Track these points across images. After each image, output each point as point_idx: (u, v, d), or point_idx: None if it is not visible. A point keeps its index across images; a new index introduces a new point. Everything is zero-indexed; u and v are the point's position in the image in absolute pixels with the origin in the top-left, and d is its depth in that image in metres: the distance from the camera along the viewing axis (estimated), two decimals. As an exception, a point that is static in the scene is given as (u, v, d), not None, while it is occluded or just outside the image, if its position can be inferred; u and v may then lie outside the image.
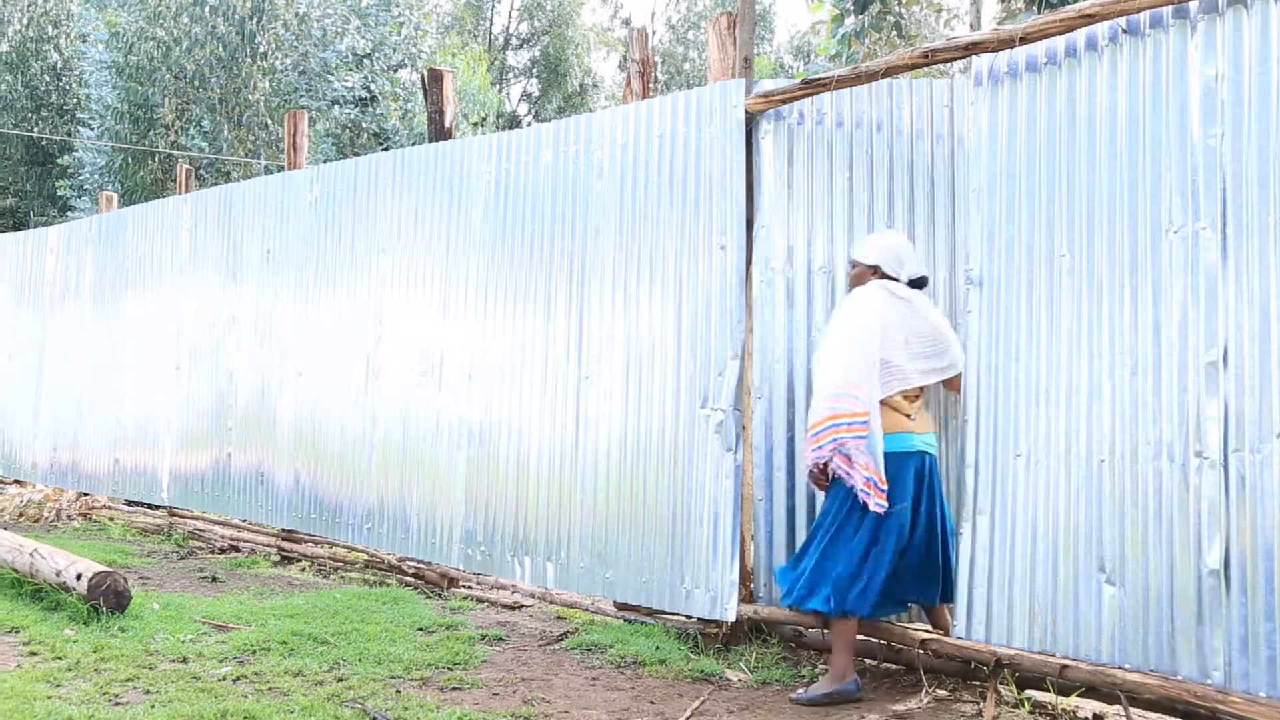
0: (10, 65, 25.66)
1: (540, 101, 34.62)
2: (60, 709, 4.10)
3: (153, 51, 19.13)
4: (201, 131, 19.13)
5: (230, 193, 8.91)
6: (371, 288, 7.33)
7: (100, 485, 9.95)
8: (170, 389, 9.10)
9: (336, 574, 7.39)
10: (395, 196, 7.24)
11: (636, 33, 6.23)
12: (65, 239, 10.96)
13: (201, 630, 5.50)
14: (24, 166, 26.01)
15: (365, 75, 19.89)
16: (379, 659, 4.99)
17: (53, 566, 5.86)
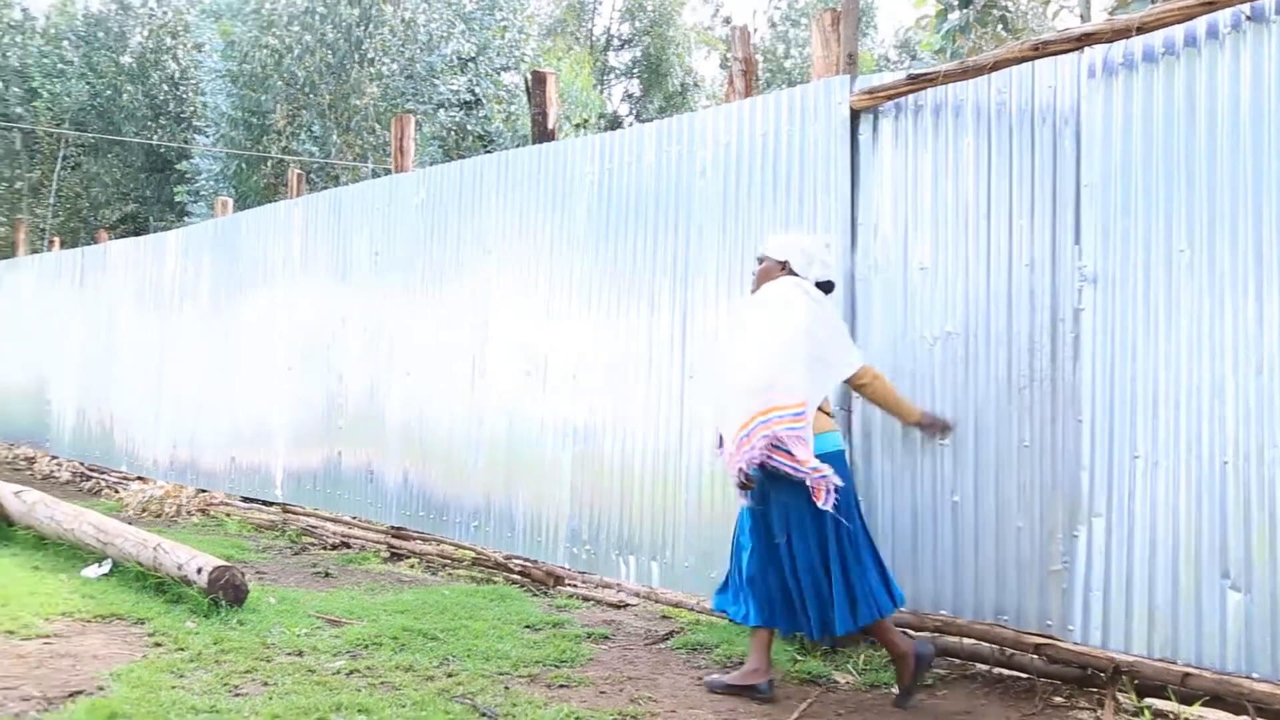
0: (132, 76, 26.54)
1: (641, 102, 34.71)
2: (184, 699, 4.23)
3: (266, 60, 19.63)
4: (312, 136, 19.58)
5: (340, 196, 9.10)
6: (477, 288, 7.42)
7: (217, 482, 10.24)
8: (283, 389, 9.32)
9: (444, 571, 7.50)
10: (500, 198, 7.32)
11: (739, 31, 6.21)
12: (183, 243, 11.30)
13: (316, 625, 5.62)
14: (144, 173, 26.87)
15: (470, 78, 20.15)
16: (487, 655, 5.04)
17: (175, 561, 6.03)
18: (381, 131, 19.55)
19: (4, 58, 27.08)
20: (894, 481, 5.09)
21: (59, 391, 13.67)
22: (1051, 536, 4.56)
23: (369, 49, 19.50)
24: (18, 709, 4.10)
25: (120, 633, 5.43)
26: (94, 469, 12.55)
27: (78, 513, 7.22)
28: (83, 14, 28.03)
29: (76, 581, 6.42)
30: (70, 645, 5.13)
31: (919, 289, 5.08)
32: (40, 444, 14.05)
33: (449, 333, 7.61)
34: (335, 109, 19.71)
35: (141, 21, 27.58)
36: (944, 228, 5.01)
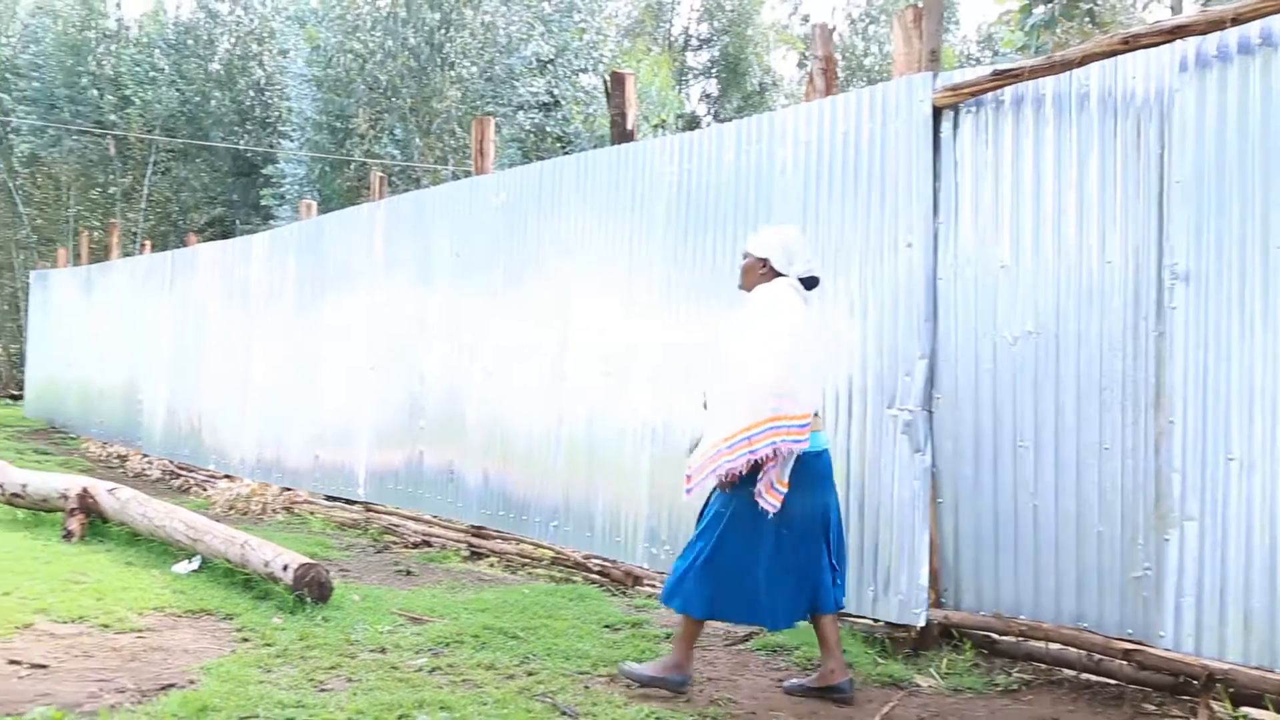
0: (220, 83, 27.11)
1: (720, 101, 34.64)
2: (271, 693, 4.30)
3: (350, 64, 19.93)
4: (394, 140, 19.83)
5: (421, 198, 9.21)
6: (556, 289, 7.46)
7: (301, 481, 10.41)
8: (365, 389, 9.45)
9: (524, 570, 7.54)
10: (579, 199, 7.35)
11: (819, 29, 6.16)
12: (269, 246, 11.52)
13: (398, 622, 5.68)
14: (230, 178, 27.42)
15: (549, 80, 20.27)
16: (567, 654, 5.06)
17: (261, 558, 6.15)
18: (462, 134, 19.74)
19: (99, 66, 27.80)
20: (975, 484, 5.02)
21: (150, 391, 14.01)
22: (1132, 542, 4.47)
23: (450, 53, 19.70)
24: (113, 701, 4.21)
25: (210, 627, 5.55)
26: (183, 467, 12.84)
27: (169, 510, 7.39)
28: (173, 23, 28.69)
29: (168, 577, 6.57)
30: (162, 639, 5.25)
31: (999, 288, 4.99)
32: (132, 442, 14.41)
33: (528, 333, 7.65)
34: (417, 112, 19.94)
35: (229, 29, 28.15)
36: (1025, 226, 4.93)
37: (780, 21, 37.36)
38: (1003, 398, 4.93)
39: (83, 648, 5.02)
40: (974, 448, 5.04)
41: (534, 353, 7.58)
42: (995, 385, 4.95)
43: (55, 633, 5.26)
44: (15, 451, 13.66)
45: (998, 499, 4.94)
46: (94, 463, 14.12)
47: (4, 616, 5.37)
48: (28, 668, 4.64)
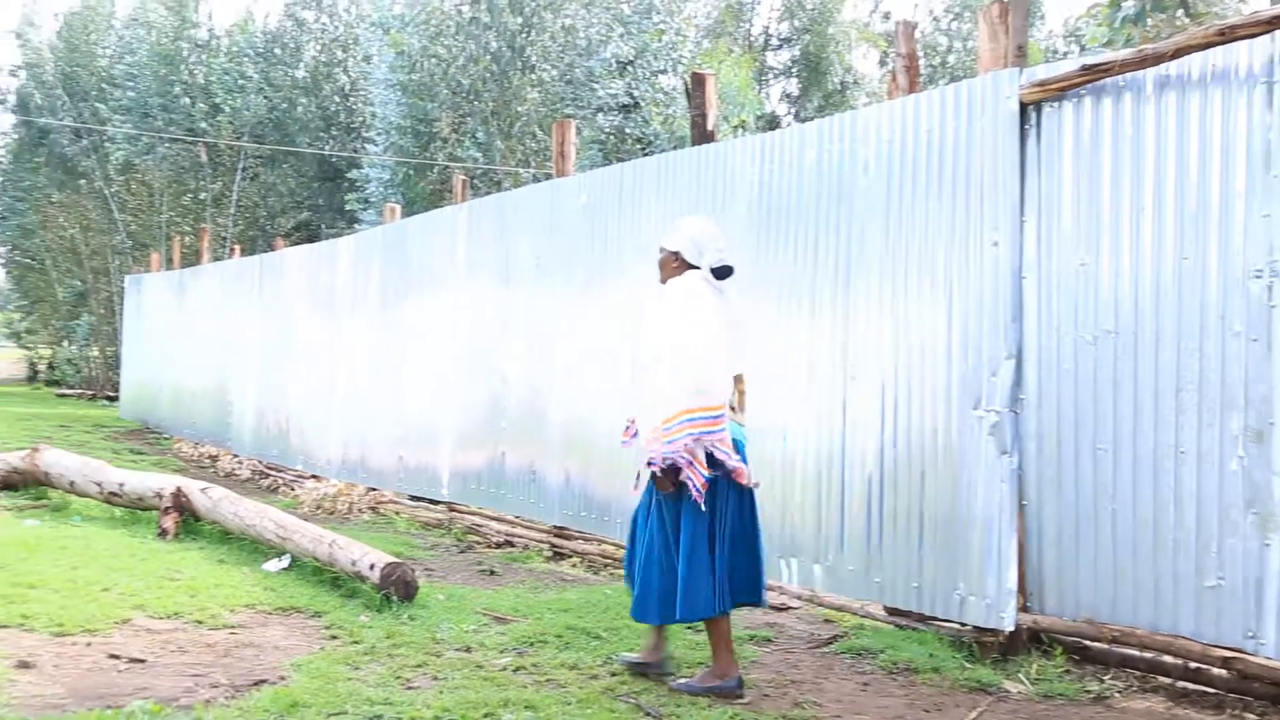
0: (306, 89, 27.63)
1: (800, 101, 34.44)
2: (359, 690, 4.38)
3: (432, 69, 20.18)
4: (475, 143, 20.04)
5: (503, 201, 9.29)
6: (637, 290, 7.46)
7: (386, 481, 10.56)
8: (448, 390, 9.56)
9: (606, 570, 7.57)
10: (659, 200, 7.36)
11: (902, 26, 6.10)
12: (354, 249, 11.70)
13: (483, 621, 5.74)
14: (316, 182, 27.93)
15: (628, 82, 20.32)
16: (649, 655, 5.07)
17: (349, 557, 6.25)
18: (542, 136, 19.87)
19: (190, 75, 28.49)
20: (1058, 487, 4.93)
21: (239, 392, 14.31)
22: (1205, 549, 4.36)
23: (530, 56, 19.85)
24: (208, 696, 4.31)
25: (299, 625, 5.65)
26: (271, 467, 13.09)
27: (259, 509, 7.54)
28: (261, 31, 29.29)
29: (258, 575, 6.71)
30: (253, 635, 5.36)
31: (1080, 286, 4.91)
32: (223, 443, 14.73)
33: (609, 334, 7.68)
34: (498, 115, 20.12)
35: (314, 36, 28.66)
36: (1106, 223, 4.83)
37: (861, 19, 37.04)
38: (1083, 398, 4.85)
39: (178, 643, 5.14)
40: (1056, 449, 4.95)
41: (615, 353, 7.60)
42: (1076, 386, 4.87)
43: (152, 628, 5.40)
44: (112, 451, 14.03)
45: (1079, 502, 4.85)
46: (186, 462, 14.45)
47: (104, 612, 5.53)
48: (126, 662, 4.78)
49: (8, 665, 4.59)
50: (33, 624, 5.26)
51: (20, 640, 5.03)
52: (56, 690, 4.32)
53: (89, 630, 5.24)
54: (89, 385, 30.44)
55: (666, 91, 21.44)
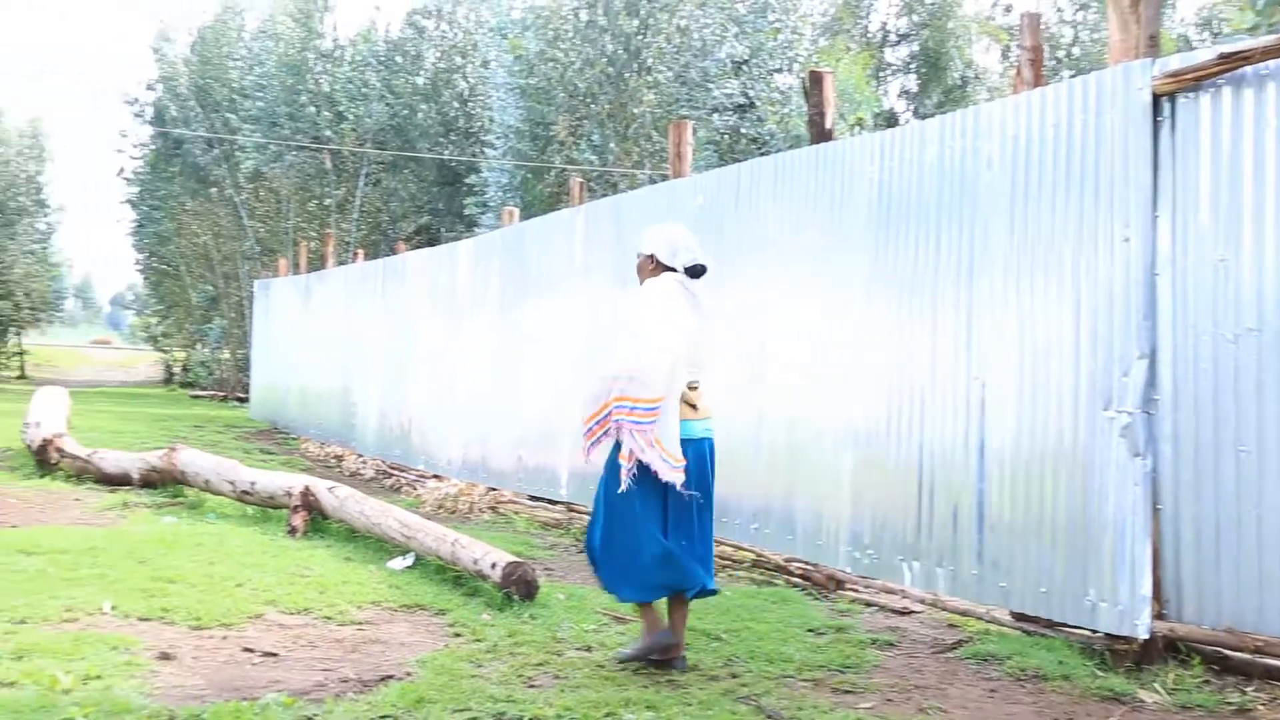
0: (426, 95, 28.15)
1: (919, 97, 33.89)
2: (483, 687, 4.44)
3: (549, 73, 20.38)
4: (591, 145, 20.17)
5: (619, 203, 9.33)
6: (754, 290, 7.44)
7: (506, 481, 10.69)
8: (566, 391, 9.63)
9: (725, 572, 7.55)
10: (775, 200, 7.31)
11: (1027, 19, 5.96)
12: (473, 252, 11.87)
13: (603, 621, 5.77)
14: (436, 187, 28.44)
15: (743, 82, 20.25)
16: (770, 658, 5.05)
17: (471, 556, 6.34)
18: (658, 138, 19.92)
19: (316, 84, 29.26)
20: (1196, 491, 4.77)
21: (363, 394, 14.64)
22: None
23: (646, 58, 19.91)
24: (337, 690, 4.41)
25: (423, 622, 5.76)
26: (394, 467, 13.36)
27: (384, 508, 7.70)
28: (384, 40, 29.93)
29: (384, 573, 6.85)
30: (380, 632, 5.48)
31: (1219, 283, 4.73)
32: (347, 443, 15.08)
33: (726, 335, 7.64)
34: (614, 118, 20.23)
35: (434, 43, 29.18)
36: (1247, 217, 4.65)
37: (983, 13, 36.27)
38: (1224, 399, 4.68)
39: (308, 638, 5.28)
40: (1194, 452, 4.79)
41: (732, 354, 7.57)
42: (1216, 386, 4.71)
43: (283, 623, 5.55)
44: (243, 451, 14.47)
45: (1220, 506, 4.68)
46: (313, 462, 14.83)
47: (238, 606, 5.71)
48: (260, 656, 4.92)
49: (150, 656, 4.76)
50: (173, 617, 5.46)
51: (161, 633, 5.22)
52: (196, 681, 4.47)
53: (225, 624, 5.42)
54: (220, 387, 31.47)
55: (782, 91, 21.31)
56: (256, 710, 4.02)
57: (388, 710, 4.13)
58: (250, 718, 3.95)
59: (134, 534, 7.72)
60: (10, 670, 4.37)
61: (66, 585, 5.97)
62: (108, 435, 14.66)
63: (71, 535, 7.49)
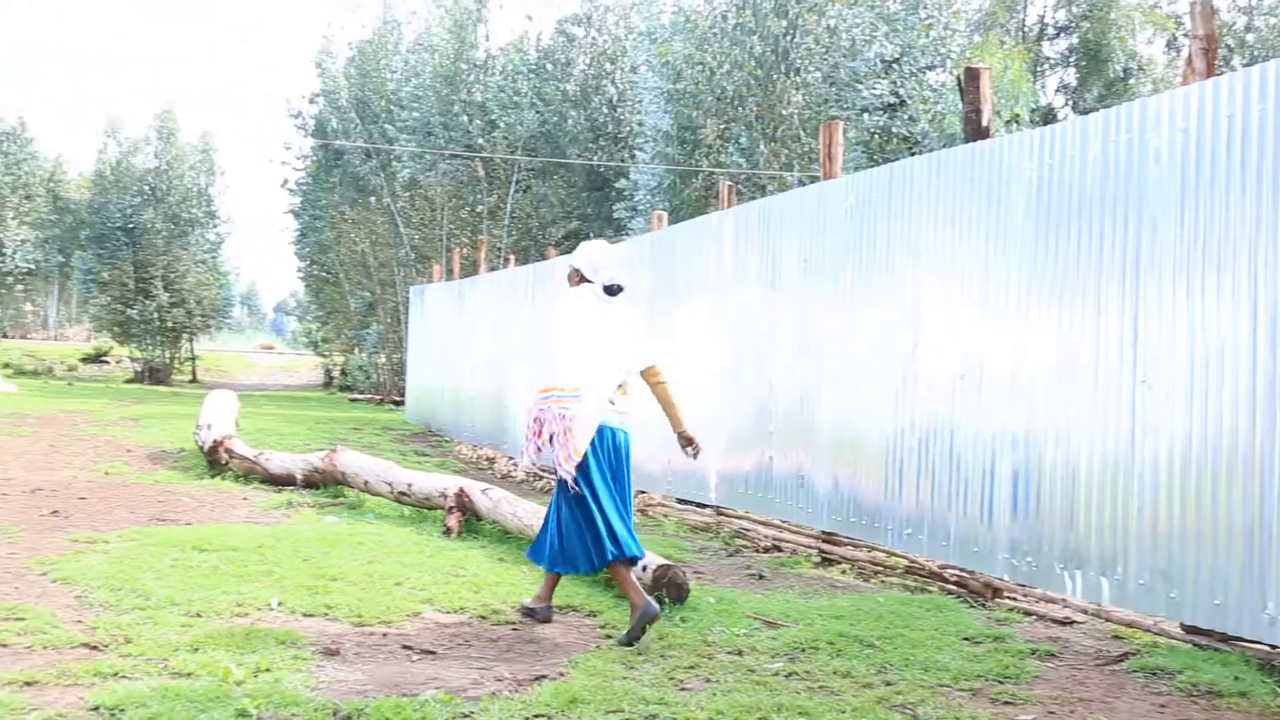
0: (575, 102, 28.53)
1: (1078, 92, 32.84)
2: (634, 689, 4.45)
3: (698, 76, 20.41)
4: (740, 148, 20.12)
5: (769, 205, 9.28)
6: (907, 292, 7.31)
7: (654, 484, 10.72)
8: (715, 394, 9.62)
9: (876, 578, 7.44)
10: (930, 199, 7.17)
11: (1198, 6, 5.71)
12: (621, 256, 11.93)
13: (753, 625, 5.74)
14: (584, 192, 28.78)
15: (893, 81, 19.94)
16: (925, 666, 4.94)
17: (621, 557, 6.37)
18: (806, 139, 19.75)
19: (469, 94, 29.95)
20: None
21: (514, 397, 14.86)
22: None
23: (794, 59, 19.78)
24: (493, 688, 4.49)
25: (575, 623, 5.82)
26: (544, 469, 13.50)
27: (536, 510, 7.81)
28: (534, 49, 30.44)
29: (536, 574, 6.93)
30: (533, 632, 5.55)
31: None
32: (499, 445, 15.34)
33: (879, 338, 7.54)
34: (762, 120, 20.14)
35: (583, 50, 29.54)
36: None
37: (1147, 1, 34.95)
38: None
39: (464, 636, 5.39)
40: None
41: (884, 357, 7.46)
42: None
43: (440, 621, 5.67)
44: (399, 453, 14.85)
45: None
46: (465, 464, 15.13)
47: (397, 604, 5.86)
48: (418, 653, 5.04)
49: (315, 651, 4.92)
50: (335, 614, 5.63)
51: (325, 628, 5.39)
52: (358, 676, 4.60)
53: (384, 621, 5.56)
54: (377, 390, 32.41)
55: (934, 88, 20.90)
56: (416, 706, 4.11)
57: (542, 709, 4.18)
58: (410, 713, 4.04)
59: (298, 533, 7.99)
60: (188, 662, 4.57)
61: (237, 581, 6.21)
62: (272, 437, 15.24)
63: (241, 533, 7.81)
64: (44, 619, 5.19)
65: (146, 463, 12.52)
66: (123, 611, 5.43)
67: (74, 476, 11.06)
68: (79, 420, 17.41)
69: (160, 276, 38.95)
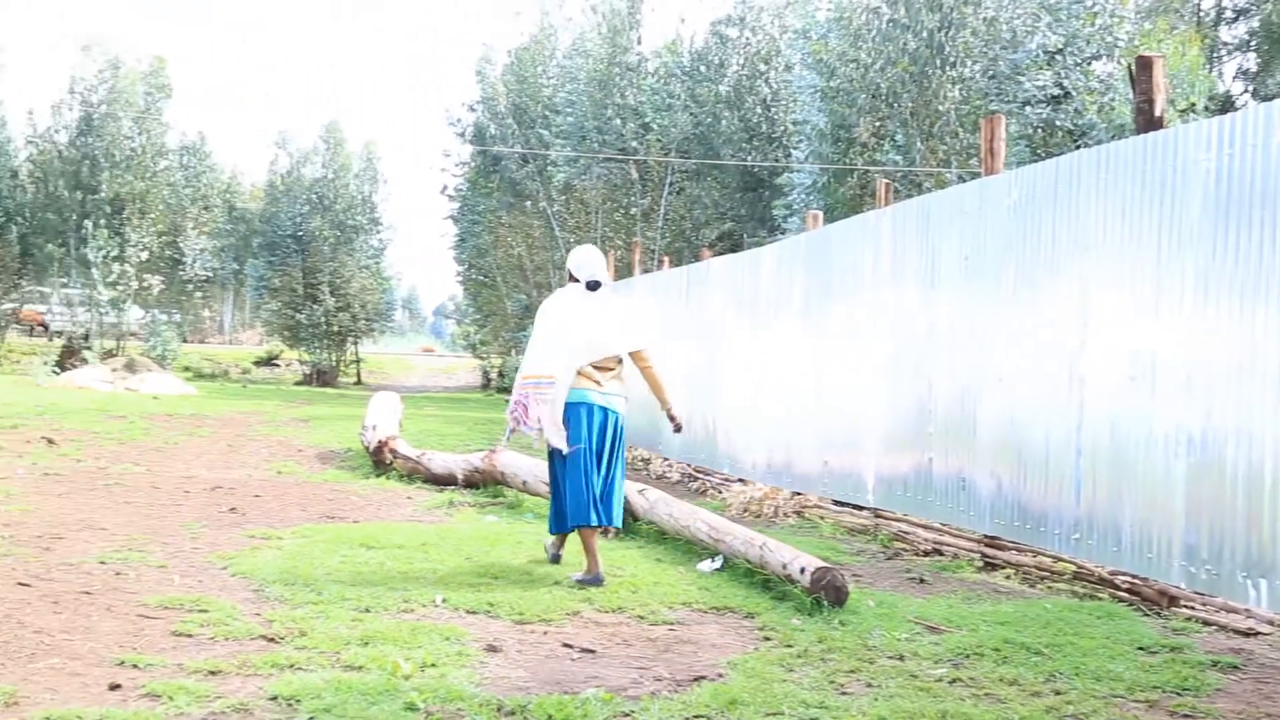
0: (729, 103, 28.49)
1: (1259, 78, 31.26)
2: (794, 692, 4.42)
3: (852, 74, 20.16)
4: (895, 145, 19.79)
5: (927, 203, 9.10)
6: (1073, 289, 7.07)
7: (810, 485, 10.63)
8: (872, 395, 9.48)
9: (1042, 584, 7.23)
10: (1098, 194, 6.93)
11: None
12: (777, 257, 11.89)
13: (915, 630, 5.64)
14: (738, 193, 28.70)
15: (1057, 72, 19.32)
16: (1097, 675, 4.78)
17: (779, 560, 6.35)
18: (964, 135, 19.32)
19: (622, 97, 30.20)
20: None
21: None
22: None
23: (950, 53, 19.35)
24: (652, 688, 4.51)
25: (733, 625, 5.81)
26: (699, 471, 13.55)
27: (692, 511, 7.83)
28: (687, 51, 30.50)
29: (692, 574, 6.96)
30: (690, 633, 5.57)
31: None
32: (654, 447, 15.42)
33: (1043, 336, 7.32)
34: (917, 116, 19.77)
35: (737, 50, 29.45)
36: None
37: (1342, -27, 32.98)
38: None
39: (623, 636, 5.43)
40: None
41: (1050, 356, 7.23)
42: None
43: (599, 621, 5.74)
44: (556, 453, 15.03)
45: None
46: (622, 464, 15.22)
47: (557, 603, 5.95)
48: (578, 651, 5.10)
49: (479, 648, 5.04)
50: (497, 611, 5.75)
51: (488, 625, 5.51)
52: (520, 674, 4.69)
53: (545, 620, 5.66)
54: (534, 391, 32.88)
55: (1101, 79, 20.18)
56: (577, 704, 4.16)
57: (701, 710, 4.19)
58: (571, 711, 4.10)
59: (460, 531, 8.19)
60: (358, 655, 4.73)
61: (403, 578, 6.40)
62: (434, 438, 15.65)
63: (405, 531, 8.04)
64: (225, 611, 5.43)
65: (316, 462, 13.00)
66: (297, 605, 5.65)
67: (249, 475, 11.55)
68: (253, 421, 18.19)
69: (327, 282, 40.29)
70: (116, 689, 4.20)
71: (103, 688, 4.22)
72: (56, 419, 15.98)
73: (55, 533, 7.41)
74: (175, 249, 41.38)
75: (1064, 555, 7.11)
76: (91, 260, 35.09)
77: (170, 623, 5.24)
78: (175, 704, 4.04)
